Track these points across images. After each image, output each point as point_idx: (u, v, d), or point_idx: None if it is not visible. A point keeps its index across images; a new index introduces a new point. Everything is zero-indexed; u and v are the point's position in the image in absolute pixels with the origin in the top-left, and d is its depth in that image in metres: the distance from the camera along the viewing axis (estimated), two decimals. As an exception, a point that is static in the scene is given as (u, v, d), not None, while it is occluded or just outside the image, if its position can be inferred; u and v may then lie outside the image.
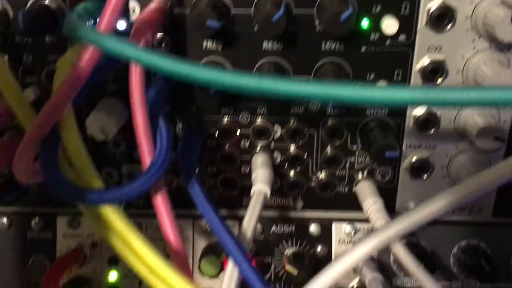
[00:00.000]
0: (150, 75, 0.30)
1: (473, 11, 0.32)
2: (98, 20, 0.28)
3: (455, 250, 0.40)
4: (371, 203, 0.35)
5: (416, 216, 0.29)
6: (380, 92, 0.20)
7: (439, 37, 0.33)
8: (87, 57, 0.27)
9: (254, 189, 0.34)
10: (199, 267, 0.38)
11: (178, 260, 0.29)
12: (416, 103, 0.30)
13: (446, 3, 0.32)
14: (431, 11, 0.32)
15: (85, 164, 0.27)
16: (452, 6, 0.32)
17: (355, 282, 0.39)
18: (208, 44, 0.34)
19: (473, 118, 0.34)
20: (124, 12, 0.33)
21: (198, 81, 0.21)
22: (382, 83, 0.34)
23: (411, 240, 0.39)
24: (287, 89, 0.20)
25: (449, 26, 0.32)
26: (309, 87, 0.20)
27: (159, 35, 0.33)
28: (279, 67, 0.34)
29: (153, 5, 0.32)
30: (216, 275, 0.38)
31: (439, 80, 0.34)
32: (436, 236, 0.40)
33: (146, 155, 0.28)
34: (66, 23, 0.27)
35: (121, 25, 0.34)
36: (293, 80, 0.20)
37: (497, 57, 0.33)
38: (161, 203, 0.29)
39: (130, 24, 0.34)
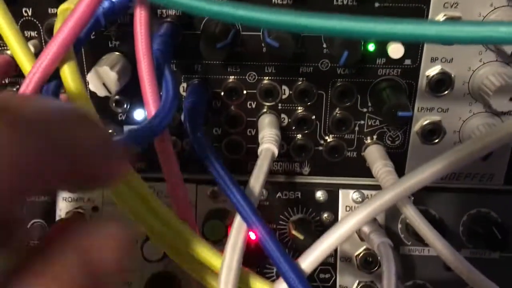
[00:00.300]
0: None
1: None
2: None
3: (464, 218, 0.39)
4: (381, 166, 0.34)
5: (423, 174, 0.28)
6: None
7: None
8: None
9: (261, 148, 0.33)
10: (202, 232, 0.37)
11: (186, 218, 0.28)
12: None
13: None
14: None
15: (86, 107, 0.26)
16: None
17: (361, 249, 0.38)
18: None
19: (489, 78, 0.33)
20: None
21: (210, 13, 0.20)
22: (395, 41, 0.33)
23: (420, 208, 0.38)
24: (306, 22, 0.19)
25: None
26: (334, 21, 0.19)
27: None
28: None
29: None
30: (220, 240, 0.37)
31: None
32: (446, 204, 0.39)
33: (151, 104, 0.27)
34: None
35: None
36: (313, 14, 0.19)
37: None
38: (167, 157, 0.28)
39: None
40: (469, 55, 0.33)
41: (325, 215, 0.39)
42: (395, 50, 0.33)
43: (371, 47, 0.34)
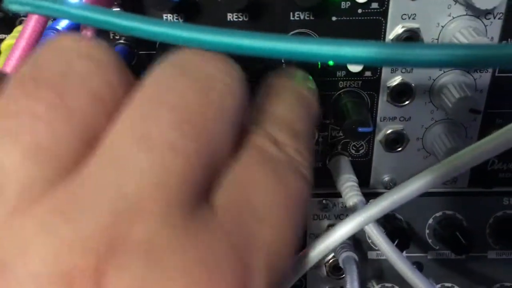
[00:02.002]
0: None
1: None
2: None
3: (430, 221, 0.39)
4: (344, 180, 0.34)
5: (394, 197, 0.28)
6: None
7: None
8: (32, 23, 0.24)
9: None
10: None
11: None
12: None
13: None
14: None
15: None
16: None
17: (330, 256, 0.39)
18: (169, 17, 0.32)
19: (449, 89, 0.33)
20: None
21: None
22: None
23: (387, 213, 0.38)
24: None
25: (423, -8, 0.31)
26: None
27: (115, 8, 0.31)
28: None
29: (105, -24, 0.29)
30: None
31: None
32: (412, 207, 0.39)
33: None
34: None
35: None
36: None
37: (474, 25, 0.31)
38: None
39: (83, -3, 0.31)
40: (429, 64, 0.33)
41: (294, 223, 0.39)
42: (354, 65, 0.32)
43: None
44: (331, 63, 0.33)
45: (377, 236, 0.30)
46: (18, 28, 0.29)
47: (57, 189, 0.13)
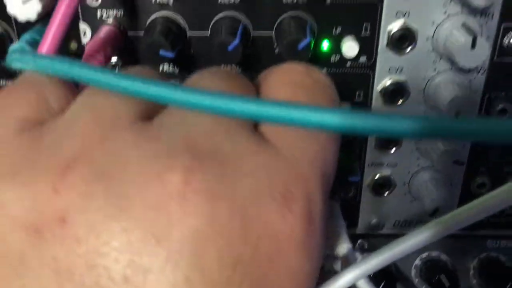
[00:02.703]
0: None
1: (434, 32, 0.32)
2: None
3: (417, 261, 0.40)
4: (334, 227, 0.35)
5: (387, 254, 0.29)
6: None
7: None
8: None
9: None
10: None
11: None
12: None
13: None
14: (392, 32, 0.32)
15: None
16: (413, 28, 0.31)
17: None
18: (165, 67, 0.33)
19: (434, 141, 0.34)
20: (75, 35, 0.32)
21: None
22: (344, 104, 0.34)
23: (375, 253, 0.39)
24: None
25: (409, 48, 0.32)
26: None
27: (113, 59, 0.32)
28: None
29: (103, 31, 0.30)
30: None
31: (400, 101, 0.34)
32: (399, 248, 0.40)
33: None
34: (8, 58, 0.26)
35: (73, 46, 0.33)
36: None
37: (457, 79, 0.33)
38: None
39: (82, 47, 0.32)
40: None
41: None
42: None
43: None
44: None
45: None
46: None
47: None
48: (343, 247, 0.34)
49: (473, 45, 0.29)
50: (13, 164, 0.17)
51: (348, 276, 0.28)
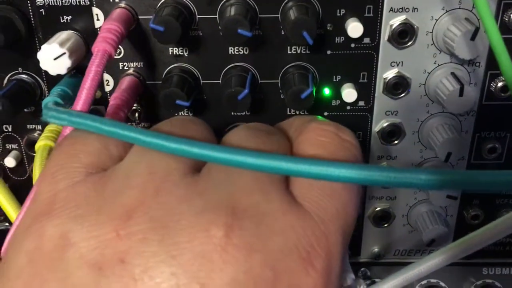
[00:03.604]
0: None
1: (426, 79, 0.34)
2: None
3: (417, 288, 0.43)
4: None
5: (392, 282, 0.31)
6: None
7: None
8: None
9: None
10: None
11: None
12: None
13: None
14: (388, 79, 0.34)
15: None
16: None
17: None
18: (180, 112, 0.36)
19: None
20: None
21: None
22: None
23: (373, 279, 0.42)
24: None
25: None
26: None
27: (134, 106, 0.35)
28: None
29: (125, 82, 0.34)
30: None
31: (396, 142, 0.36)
32: (400, 275, 0.42)
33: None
34: (44, 113, 0.28)
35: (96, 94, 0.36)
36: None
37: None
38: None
39: (106, 93, 0.36)
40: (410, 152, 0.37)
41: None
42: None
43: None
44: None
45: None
46: (50, 127, 0.33)
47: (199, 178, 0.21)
48: (346, 276, 0.37)
49: (461, 93, 0.32)
50: (81, 207, 0.20)
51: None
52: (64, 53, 0.31)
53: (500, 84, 0.34)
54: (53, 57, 0.31)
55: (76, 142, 0.23)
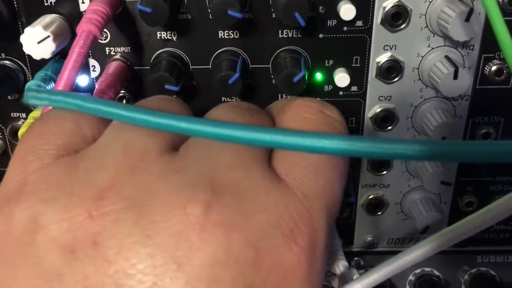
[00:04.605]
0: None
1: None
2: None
3: (411, 277, 0.42)
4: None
5: (384, 270, 0.30)
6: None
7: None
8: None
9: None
10: None
11: None
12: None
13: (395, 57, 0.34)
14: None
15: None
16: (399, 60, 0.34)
17: None
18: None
19: (423, 162, 0.36)
20: (85, 69, 0.34)
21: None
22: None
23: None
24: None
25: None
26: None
27: (121, 92, 0.34)
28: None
29: (112, 67, 0.33)
30: None
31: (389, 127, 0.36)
32: (393, 264, 0.42)
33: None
34: (24, 95, 0.27)
35: (83, 81, 0.35)
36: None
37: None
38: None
39: (92, 80, 0.35)
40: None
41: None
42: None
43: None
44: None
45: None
46: (33, 114, 0.32)
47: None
48: (340, 264, 0.36)
49: (455, 76, 0.31)
50: (52, 189, 0.19)
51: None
52: (48, 36, 0.30)
53: (494, 67, 0.34)
54: (37, 40, 0.30)
55: (48, 123, 0.22)
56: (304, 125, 0.23)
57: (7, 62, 0.34)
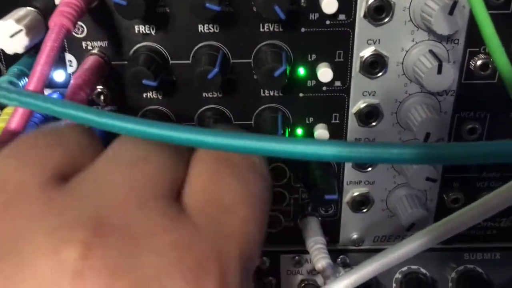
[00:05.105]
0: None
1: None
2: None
3: (397, 275, 0.42)
4: (313, 242, 0.37)
5: (369, 268, 0.30)
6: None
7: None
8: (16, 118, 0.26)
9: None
10: None
11: None
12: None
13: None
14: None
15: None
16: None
17: None
18: (148, 94, 0.34)
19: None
20: (62, 64, 0.33)
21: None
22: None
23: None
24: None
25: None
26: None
27: (98, 88, 0.33)
28: (221, 114, 0.35)
29: (88, 61, 0.32)
30: None
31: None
32: (380, 262, 0.41)
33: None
34: None
35: (60, 76, 0.34)
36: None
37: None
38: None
39: (68, 75, 0.34)
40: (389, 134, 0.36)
41: (269, 279, 0.41)
42: (321, 135, 0.35)
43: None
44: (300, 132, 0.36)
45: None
46: (7, 110, 0.31)
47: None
48: (323, 262, 0.36)
49: (439, 70, 0.31)
50: None
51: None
52: (21, 30, 0.29)
53: (479, 62, 0.33)
54: (9, 34, 0.29)
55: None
56: (214, 165, 0.21)
57: (-20, 57, 0.33)
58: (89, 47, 0.33)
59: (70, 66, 0.33)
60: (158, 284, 0.15)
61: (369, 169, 0.37)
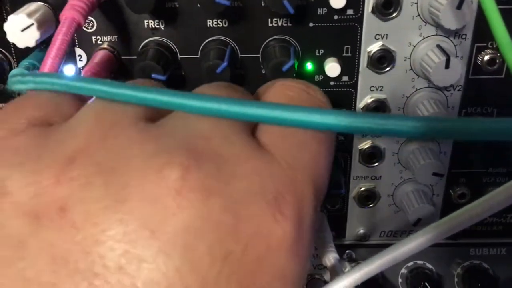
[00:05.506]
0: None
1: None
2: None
3: (403, 270, 0.42)
4: (320, 238, 0.37)
5: (376, 263, 0.30)
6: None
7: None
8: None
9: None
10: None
11: None
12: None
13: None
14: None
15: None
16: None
17: None
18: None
19: (414, 154, 0.35)
20: (72, 59, 0.34)
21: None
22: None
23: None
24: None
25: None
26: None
27: (107, 82, 0.34)
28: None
29: (98, 56, 0.32)
30: None
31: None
32: (386, 257, 0.42)
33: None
34: (9, 81, 0.27)
35: (70, 70, 0.34)
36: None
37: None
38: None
39: (78, 70, 0.34)
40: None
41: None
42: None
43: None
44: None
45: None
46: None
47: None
48: (330, 257, 0.36)
49: (447, 65, 0.31)
50: (20, 155, 0.18)
51: (338, 286, 0.29)
52: (32, 24, 0.29)
53: (487, 57, 0.33)
54: (21, 28, 0.29)
55: (26, 97, 0.22)
56: (287, 102, 0.23)
57: (-9, 51, 0.33)
58: (99, 42, 0.33)
59: (80, 60, 0.34)
60: (245, 207, 0.17)
61: (376, 164, 0.37)
